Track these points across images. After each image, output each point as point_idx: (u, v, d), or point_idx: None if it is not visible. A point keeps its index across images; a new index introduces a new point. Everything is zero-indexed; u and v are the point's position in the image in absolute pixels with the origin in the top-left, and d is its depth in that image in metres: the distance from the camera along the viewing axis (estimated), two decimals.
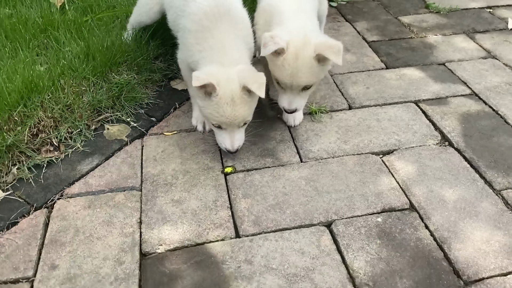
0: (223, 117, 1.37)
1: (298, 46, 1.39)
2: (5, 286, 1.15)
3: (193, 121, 1.67)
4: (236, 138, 1.44)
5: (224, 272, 1.18)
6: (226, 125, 1.41)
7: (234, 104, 1.35)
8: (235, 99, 1.34)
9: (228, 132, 1.43)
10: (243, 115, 1.39)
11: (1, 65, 1.59)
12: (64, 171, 1.47)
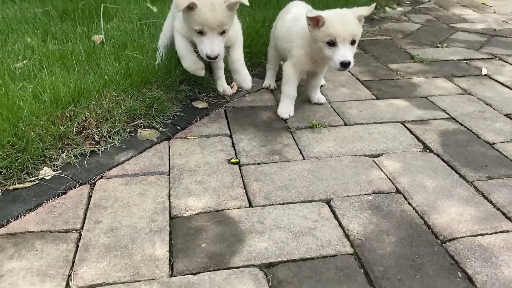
0: (205, 19, 1.72)
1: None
2: (59, 234, 1.38)
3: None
4: (215, 44, 1.78)
5: (240, 228, 1.42)
6: (207, 28, 1.75)
7: (214, 9, 1.73)
8: (216, 6, 1.72)
9: (208, 38, 1.78)
10: (221, 20, 1.75)
11: (57, 75, 1.93)
12: (104, 159, 1.75)
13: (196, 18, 1.76)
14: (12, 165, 1.57)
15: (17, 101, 1.73)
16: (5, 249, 1.31)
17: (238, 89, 2.38)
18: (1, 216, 1.42)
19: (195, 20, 1.77)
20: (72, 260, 1.28)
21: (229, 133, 1.99)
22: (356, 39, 1.86)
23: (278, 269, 1.27)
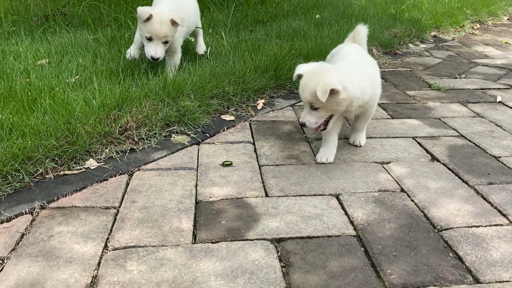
0: (154, 30, 2.33)
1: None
2: (100, 209, 1.61)
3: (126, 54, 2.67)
4: (158, 49, 2.39)
5: (256, 211, 1.61)
6: (155, 36, 2.35)
7: (162, 23, 2.34)
8: (163, 21, 2.34)
9: (154, 44, 2.38)
10: (165, 32, 2.36)
11: (104, 86, 2.23)
12: (142, 156, 1.99)
13: (148, 28, 2.37)
14: (63, 154, 1.83)
15: (71, 103, 2.02)
16: (55, 217, 1.54)
17: (263, 107, 2.61)
18: (53, 193, 1.67)
19: (147, 29, 2.37)
20: (110, 228, 1.50)
21: (252, 140, 2.21)
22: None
23: (287, 243, 1.44)
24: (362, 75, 1.90)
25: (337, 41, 3.57)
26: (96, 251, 1.38)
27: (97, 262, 1.33)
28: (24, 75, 2.40)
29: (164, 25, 2.37)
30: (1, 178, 1.65)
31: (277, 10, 4.72)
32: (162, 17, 2.36)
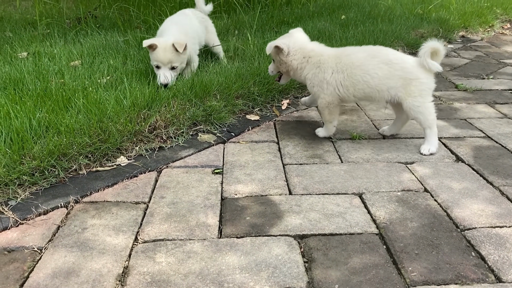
0: (158, 58, 2.44)
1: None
2: (130, 204, 1.68)
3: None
4: (165, 75, 2.47)
5: (280, 208, 1.66)
6: (161, 64, 2.46)
7: (166, 51, 2.43)
8: (167, 48, 2.43)
9: (162, 71, 2.47)
10: (170, 59, 2.44)
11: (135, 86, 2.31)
12: (170, 154, 2.06)
13: (154, 56, 2.48)
14: (96, 151, 1.92)
15: (103, 102, 2.11)
16: (88, 211, 1.63)
17: (288, 107, 2.65)
18: (86, 189, 1.75)
19: (153, 57, 2.49)
20: (140, 222, 1.57)
21: (276, 140, 2.25)
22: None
23: (310, 240, 1.48)
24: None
25: (362, 41, 3.58)
26: (127, 243, 1.45)
27: (128, 254, 1.40)
28: (59, 76, 2.51)
29: (168, 52, 2.45)
30: (38, 174, 1.74)
31: (303, 11, 4.75)
32: (166, 45, 2.45)
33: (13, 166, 1.70)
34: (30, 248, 1.42)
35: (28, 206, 1.62)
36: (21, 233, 1.49)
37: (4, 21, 4.33)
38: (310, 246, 1.45)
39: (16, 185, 1.69)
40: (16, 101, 2.08)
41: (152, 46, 2.45)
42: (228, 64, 2.87)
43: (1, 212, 1.57)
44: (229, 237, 1.49)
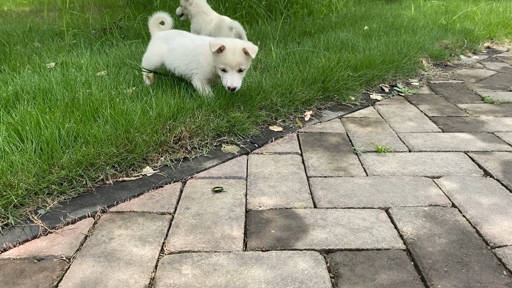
0: (228, 60, 2.31)
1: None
2: (156, 214, 1.70)
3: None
4: (234, 79, 2.35)
5: (305, 222, 1.65)
6: (229, 67, 2.33)
7: (235, 53, 2.31)
8: (236, 51, 2.31)
9: (230, 75, 2.35)
10: (239, 61, 2.33)
11: (161, 97, 2.34)
12: (194, 165, 2.08)
13: (222, 59, 2.34)
14: (123, 162, 1.94)
15: (130, 113, 2.14)
16: (115, 221, 1.64)
17: (311, 118, 2.65)
18: (112, 198, 1.77)
19: (221, 60, 2.34)
20: (166, 233, 1.58)
21: (300, 152, 2.24)
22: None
23: (336, 255, 1.47)
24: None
25: (386, 52, 3.56)
26: (153, 254, 1.46)
27: (154, 265, 1.41)
28: (86, 86, 2.56)
29: (238, 54, 2.33)
30: (67, 183, 1.77)
31: (325, 22, 4.76)
32: (235, 47, 2.33)
33: (43, 176, 1.74)
34: (59, 257, 1.44)
35: (57, 215, 1.64)
36: (50, 242, 1.52)
37: (32, 32, 4.45)
38: (336, 261, 1.43)
39: (45, 194, 1.72)
40: (45, 111, 2.13)
41: (220, 48, 2.32)
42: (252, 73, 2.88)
43: (30, 221, 1.60)
44: (254, 250, 1.49)
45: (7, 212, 1.60)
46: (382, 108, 2.89)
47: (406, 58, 3.58)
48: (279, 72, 2.93)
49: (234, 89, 2.37)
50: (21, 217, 1.62)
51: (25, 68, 2.98)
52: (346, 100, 2.92)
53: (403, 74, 3.50)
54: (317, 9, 5.31)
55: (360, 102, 2.96)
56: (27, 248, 1.49)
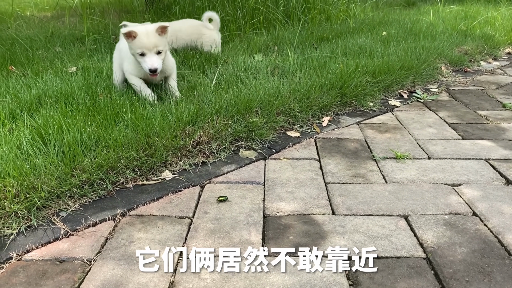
0: (143, 44, 2.34)
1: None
2: (175, 218, 1.71)
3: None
4: (153, 60, 2.37)
5: (323, 228, 1.64)
6: (146, 49, 2.36)
7: (149, 36, 2.35)
8: (149, 33, 2.36)
9: (148, 57, 2.38)
10: (155, 43, 2.36)
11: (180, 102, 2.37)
12: (212, 169, 2.09)
13: (137, 43, 2.37)
14: (143, 165, 1.97)
15: (150, 117, 2.17)
16: (135, 224, 1.66)
17: (328, 124, 2.64)
18: (132, 202, 1.80)
19: (137, 45, 2.38)
20: (185, 237, 1.59)
21: (318, 157, 2.24)
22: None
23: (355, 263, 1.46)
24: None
25: (404, 58, 3.54)
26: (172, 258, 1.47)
27: (173, 269, 1.42)
28: (106, 91, 2.60)
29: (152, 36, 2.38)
30: (88, 186, 1.80)
31: (342, 28, 4.75)
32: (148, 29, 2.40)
33: (65, 179, 1.77)
34: (80, 259, 1.47)
35: (78, 218, 1.67)
36: (72, 244, 1.54)
37: (54, 37, 4.54)
38: (355, 269, 1.42)
39: (67, 196, 1.75)
40: (67, 115, 2.17)
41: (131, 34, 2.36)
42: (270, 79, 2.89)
43: (52, 223, 1.63)
44: (273, 256, 1.49)
45: (30, 214, 1.64)
46: (400, 114, 2.87)
47: (425, 64, 3.55)
48: (297, 78, 2.94)
49: (155, 71, 2.39)
50: (43, 219, 1.65)
51: (47, 72, 3.04)
52: (364, 106, 2.91)
53: (422, 80, 3.47)
54: (335, 14, 5.31)
55: (378, 108, 2.94)
56: (49, 249, 1.52)
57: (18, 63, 3.39)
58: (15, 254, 1.48)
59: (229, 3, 4.67)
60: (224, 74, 3.02)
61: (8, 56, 3.56)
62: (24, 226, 1.60)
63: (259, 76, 3.00)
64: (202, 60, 3.31)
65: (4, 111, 2.25)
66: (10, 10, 6.61)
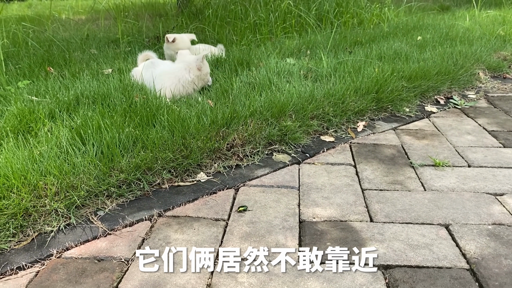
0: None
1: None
2: (211, 220, 1.71)
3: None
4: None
5: (361, 236, 1.61)
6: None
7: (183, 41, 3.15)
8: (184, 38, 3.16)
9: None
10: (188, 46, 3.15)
11: (215, 105, 2.37)
12: (246, 172, 2.08)
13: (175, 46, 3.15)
14: (178, 167, 1.97)
15: (186, 119, 2.18)
16: (171, 225, 1.67)
17: (363, 129, 2.60)
18: (168, 203, 1.80)
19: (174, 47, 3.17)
20: (221, 240, 1.58)
21: (353, 163, 2.20)
22: None
23: (395, 271, 1.42)
24: None
25: (441, 63, 3.46)
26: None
27: (210, 271, 1.41)
28: (142, 92, 2.63)
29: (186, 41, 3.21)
30: (125, 186, 1.81)
31: (376, 32, 4.68)
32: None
33: (103, 178, 1.79)
34: (118, 259, 1.48)
35: (115, 217, 1.69)
36: (109, 243, 1.55)
37: (89, 39, 4.64)
38: (395, 278, 1.38)
39: (105, 196, 1.77)
40: (104, 115, 2.20)
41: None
42: (303, 82, 2.87)
43: (91, 222, 1.65)
44: (310, 262, 1.46)
45: (69, 212, 1.66)
46: (438, 120, 2.80)
47: (462, 69, 3.45)
48: (331, 82, 2.90)
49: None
50: (81, 217, 1.68)
51: (84, 73, 3.11)
52: (400, 111, 2.85)
53: (459, 86, 3.38)
54: (368, 18, 5.24)
55: (414, 113, 2.87)
56: (88, 248, 1.53)
57: (55, 64, 3.48)
58: (55, 251, 1.50)
59: (261, 6, 4.67)
60: (257, 77, 3.01)
61: (46, 57, 3.65)
62: (63, 224, 1.62)
63: (292, 80, 2.98)
64: (235, 63, 3.32)
65: (44, 111, 2.30)
66: (48, 13, 6.81)
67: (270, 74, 3.04)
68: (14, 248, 1.51)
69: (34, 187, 1.67)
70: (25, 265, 1.45)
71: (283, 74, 3.11)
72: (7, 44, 3.99)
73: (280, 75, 3.09)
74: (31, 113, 2.27)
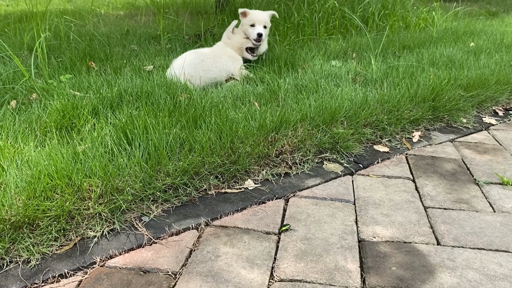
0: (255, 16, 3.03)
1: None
2: (261, 233, 1.58)
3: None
4: (260, 30, 3.03)
5: (429, 261, 1.45)
6: (257, 22, 3.03)
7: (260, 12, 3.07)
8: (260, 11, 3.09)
9: (256, 28, 3.02)
10: (264, 18, 3.07)
11: (264, 108, 2.25)
12: (296, 181, 1.94)
13: (250, 18, 3.05)
14: (226, 172, 1.86)
15: (234, 122, 2.06)
16: (220, 237, 1.55)
17: (419, 140, 2.42)
18: (215, 211, 1.69)
19: (250, 19, 3.06)
20: (274, 256, 1.46)
21: (412, 177, 2.04)
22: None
23: None
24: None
25: (499, 72, 3.24)
26: (263, 279, 1.34)
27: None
28: (187, 91, 2.54)
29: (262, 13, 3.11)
30: (172, 191, 1.71)
31: (424, 36, 4.47)
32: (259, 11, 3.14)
33: (149, 182, 1.69)
34: (165, 272, 1.37)
35: (161, 225, 1.58)
36: (155, 253, 1.45)
37: (130, 35, 4.60)
38: None
39: (150, 200, 1.67)
40: (150, 114, 2.11)
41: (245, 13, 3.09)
42: (351, 86, 2.71)
43: (135, 228, 1.56)
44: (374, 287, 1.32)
45: (114, 217, 1.57)
46: (498, 133, 2.60)
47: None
48: (384, 87, 2.74)
49: (261, 35, 3.02)
50: (125, 223, 1.58)
51: (125, 69, 3.04)
52: (457, 122, 2.66)
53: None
54: (414, 22, 5.02)
55: (472, 125, 2.68)
56: (132, 257, 1.43)
57: (97, 58, 3.43)
58: (99, 259, 1.41)
59: (305, 6, 4.52)
60: (303, 79, 2.87)
61: (88, 52, 3.61)
62: (107, 229, 1.53)
63: (340, 84, 2.83)
64: (279, 63, 3.19)
65: (87, 107, 2.23)
66: (88, 8, 6.85)
67: (316, 76, 2.89)
68: (56, 253, 1.43)
69: (78, 189, 1.59)
70: (67, 272, 1.36)
71: (330, 77, 2.96)
72: (49, 37, 3.98)
73: (327, 78, 2.95)
74: (74, 109, 2.19)
